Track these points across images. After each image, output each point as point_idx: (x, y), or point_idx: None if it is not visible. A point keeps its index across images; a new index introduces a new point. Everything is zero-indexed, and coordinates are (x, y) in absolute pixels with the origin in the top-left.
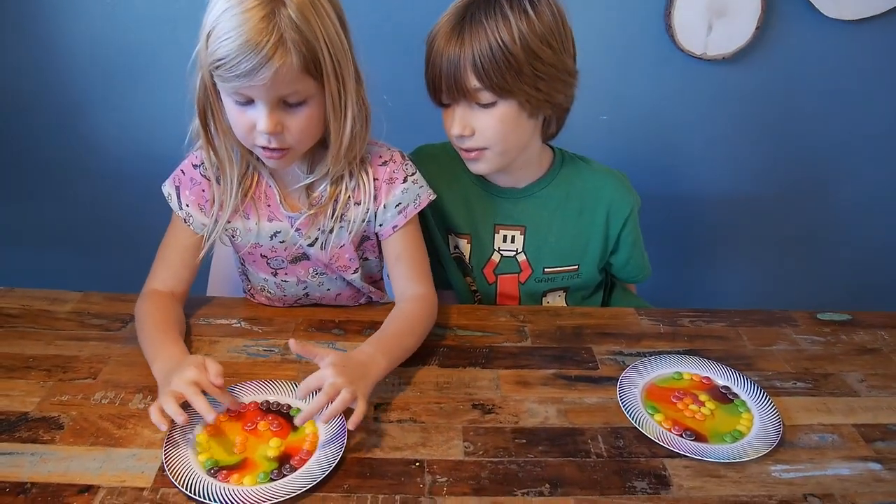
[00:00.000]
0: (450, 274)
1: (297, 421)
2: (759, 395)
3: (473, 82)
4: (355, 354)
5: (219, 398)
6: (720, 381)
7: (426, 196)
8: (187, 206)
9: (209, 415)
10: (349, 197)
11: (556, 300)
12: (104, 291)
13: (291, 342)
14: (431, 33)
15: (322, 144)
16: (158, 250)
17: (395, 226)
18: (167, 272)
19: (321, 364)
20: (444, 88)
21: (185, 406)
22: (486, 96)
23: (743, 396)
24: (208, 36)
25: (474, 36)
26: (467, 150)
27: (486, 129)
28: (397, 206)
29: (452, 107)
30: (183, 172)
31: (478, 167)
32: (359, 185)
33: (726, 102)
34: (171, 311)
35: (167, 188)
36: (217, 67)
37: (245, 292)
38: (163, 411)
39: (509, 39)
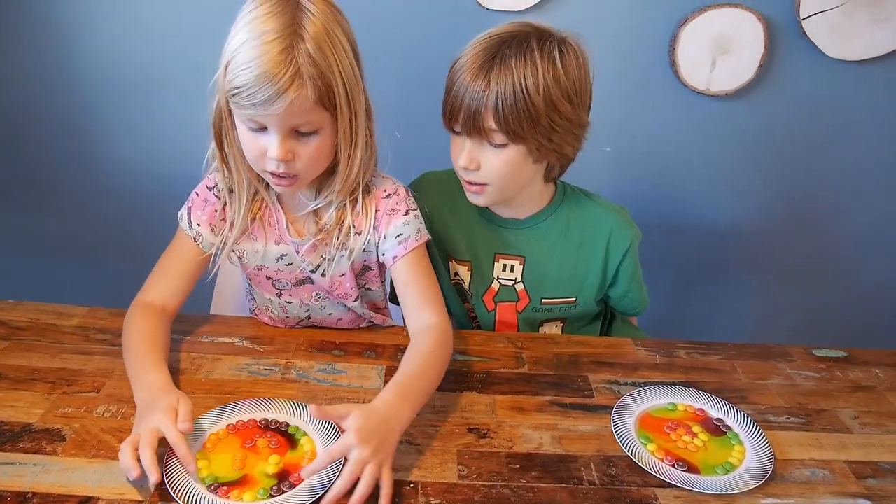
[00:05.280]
0: (449, 300)
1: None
2: (751, 429)
3: (491, 123)
4: (378, 407)
5: (174, 446)
6: (714, 414)
7: (425, 234)
8: (198, 225)
9: (152, 475)
10: (351, 225)
11: (552, 330)
12: (112, 305)
13: (311, 408)
14: (458, 63)
15: (329, 172)
16: (158, 263)
17: (395, 256)
18: (164, 285)
19: (344, 426)
20: (460, 120)
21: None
22: (499, 138)
23: (736, 429)
24: (227, 65)
25: (500, 78)
26: (469, 182)
27: (491, 168)
28: (397, 236)
29: (463, 137)
30: (197, 194)
31: (476, 199)
32: (362, 214)
33: (728, 138)
34: (159, 330)
35: (181, 210)
36: (234, 95)
37: (251, 311)
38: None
39: (533, 88)
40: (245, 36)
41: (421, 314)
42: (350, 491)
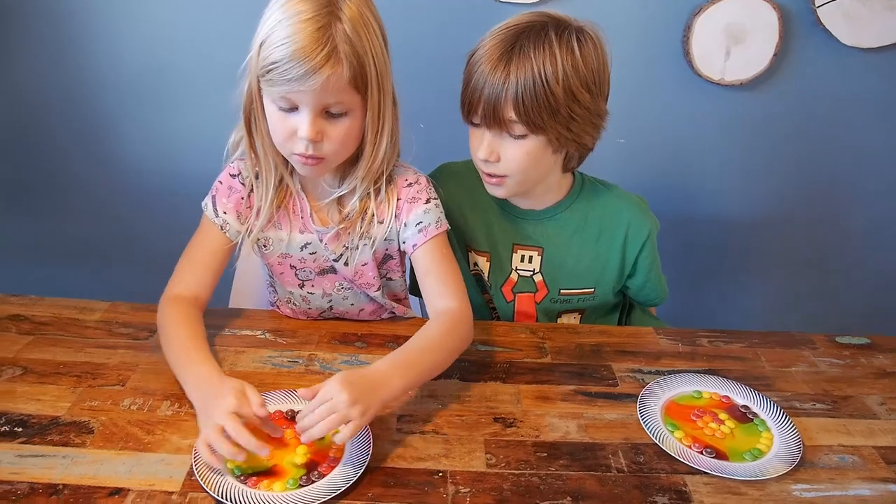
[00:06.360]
0: (468, 291)
1: (302, 438)
2: (778, 415)
3: (510, 114)
4: (368, 371)
5: (262, 429)
6: (739, 401)
7: (445, 222)
8: (224, 213)
9: (261, 450)
10: (374, 214)
11: (571, 321)
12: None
13: (300, 392)
14: (476, 54)
15: (353, 160)
16: (184, 255)
17: (416, 244)
18: (193, 276)
19: (328, 380)
20: (480, 112)
21: None
22: (519, 129)
23: (762, 416)
24: (261, 44)
25: (520, 68)
26: (489, 175)
27: (511, 160)
28: (418, 224)
29: (482, 129)
30: (221, 182)
31: (496, 191)
32: (384, 203)
33: (743, 127)
34: (197, 321)
35: (205, 199)
36: (268, 72)
37: (272, 304)
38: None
39: (553, 78)
40: (280, 16)
41: (440, 301)
42: None
